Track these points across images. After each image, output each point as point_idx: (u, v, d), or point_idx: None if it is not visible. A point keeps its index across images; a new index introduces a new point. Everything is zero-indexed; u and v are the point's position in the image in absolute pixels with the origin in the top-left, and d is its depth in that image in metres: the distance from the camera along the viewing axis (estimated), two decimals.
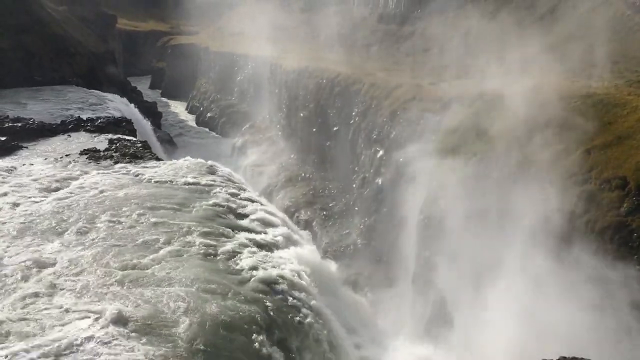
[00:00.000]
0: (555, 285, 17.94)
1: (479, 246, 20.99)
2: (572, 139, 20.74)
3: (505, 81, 25.76)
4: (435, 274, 23.64)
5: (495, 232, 20.53)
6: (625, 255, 17.05)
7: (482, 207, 21.51)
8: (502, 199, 20.84)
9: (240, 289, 18.17)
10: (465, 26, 39.39)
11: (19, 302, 16.39)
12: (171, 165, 29.35)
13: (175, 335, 15.26)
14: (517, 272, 19.30)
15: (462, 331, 21.61)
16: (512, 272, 19.53)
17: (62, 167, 28.73)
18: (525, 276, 18.95)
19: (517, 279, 19.17)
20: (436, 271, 23.54)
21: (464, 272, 21.76)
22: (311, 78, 45.11)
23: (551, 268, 18.25)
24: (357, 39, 53.06)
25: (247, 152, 53.56)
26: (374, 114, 34.60)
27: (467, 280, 21.53)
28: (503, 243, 20.13)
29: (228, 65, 68.71)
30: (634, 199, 17.61)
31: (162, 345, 14.81)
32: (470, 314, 21.17)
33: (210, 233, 21.66)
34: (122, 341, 14.73)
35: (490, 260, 20.38)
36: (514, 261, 19.57)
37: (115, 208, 23.22)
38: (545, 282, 18.27)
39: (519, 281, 19.07)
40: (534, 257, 18.92)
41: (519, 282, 19.09)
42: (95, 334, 14.94)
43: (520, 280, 19.08)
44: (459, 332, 21.81)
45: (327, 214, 37.69)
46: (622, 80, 25.18)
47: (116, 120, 39.90)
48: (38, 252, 19.33)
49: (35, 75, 50.82)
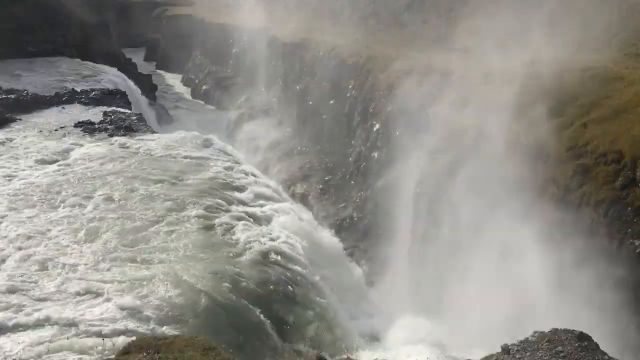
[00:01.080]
0: (549, 260, 18.07)
1: (472, 219, 21.07)
2: (569, 113, 20.67)
3: (502, 54, 25.56)
4: (430, 247, 23.76)
5: (489, 206, 20.58)
6: (620, 229, 17.14)
7: (476, 181, 21.53)
8: (496, 173, 20.85)
9: (236, 261, 18.26)
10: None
11: (12, 275, 16.39)
12: (166, 138, 29.24)
13: (168, 307, 15.34)
14: (509, 245, 19.41)
15: (455, 304, 21.79)
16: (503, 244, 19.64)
17: (57, 140, 28.59)
18: (517, 249, 19.06)
19: (509, 251, 19.29)
20: (431, 244, 23.65)
21: (458, 245, 21.88)
22: (308, 50, 44.69)
23: (543, 241, 18.36)
24: (354, 11, 52.40)
25: (243, 125, 53.26)
26: (371, 87, 34.37)
27: (461, 253, 21.67)
28: (495, 217, 20.20)
29: (224, 37, 67.94)
30: (629, 172, 17.62)
31: (156, 317, 14.89)
32: (463, 287, 21.33)
33: (206, 206, 21.68)
34: (116, 315, 14.80)
35: (482, 233, 20.47)
36: (505, 234, 19.66)
37: (110, 181, 23.18)
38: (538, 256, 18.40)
39: (511, 254, 19.19)
40: (525, 230, 19.00)
41: (510, 254, 19.21)
42: (90, 308, 15.00)
43: (511, 252, 19.20)
44: (453, 305, 22.00)
45: (323, 187, 37.67)
46: (620, 54, 25.00)
47: (110, 92, 39.63)
48: (33, 225, 19.32)
49: (28, 46, 50.22)
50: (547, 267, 18.17)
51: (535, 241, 18.77)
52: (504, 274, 19.45)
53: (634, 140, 18.09)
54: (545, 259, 18.26)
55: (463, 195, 22.18)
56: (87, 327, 14.23)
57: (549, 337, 11.95)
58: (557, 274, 17.80)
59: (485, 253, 20.45)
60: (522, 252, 19.11)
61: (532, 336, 12.20)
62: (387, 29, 43.91)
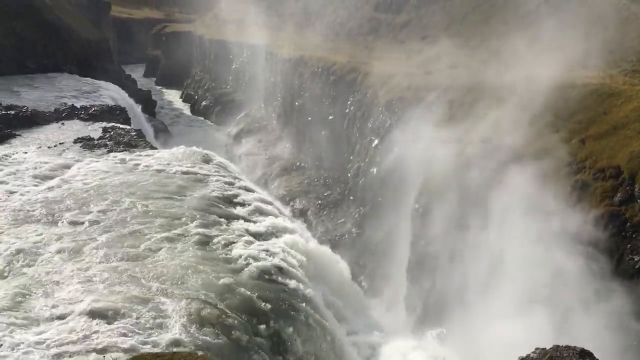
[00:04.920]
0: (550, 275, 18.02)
1: (472, 236, 21.04)
2: (567, 128, 20.76)
3: (500, 70, 25.73)
4: (430, 263, 23.71)
5: (487, 222, 20.58)
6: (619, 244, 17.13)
7: (476, 197, 21.54)
8: (495, 188, 20.87)
9: (235, 278, 18.17)
10: (461, 15, 39.30)
11: (9, 292, 16.29)
12: (166, 154, 29.25)
13: (166, 324, 15.25)
14: (510, 262, 19.36)
15: (456, 322, 21.69)
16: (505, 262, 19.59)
17: (56, 156, 28.59)
18: (520, 266, 19.00)
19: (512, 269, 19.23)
20: (431, 261, 23.61)
21: (458, 262, 21.83)
22: (307, 67, 44.95)
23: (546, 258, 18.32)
24: (353, 27, 52.80)
25: (242, 141, 53.43)
26: (370, 103, 34.53)
27: (462, 270, 21.61)
28: (495, 234, 20.18)
29: (223, 53, 68.44)
30: (627, 188, 17.66)
31: (155, 333, 14.80)
32: (464, 305, 21.26)
33: (205, 222, 21.63)
34: (114, 331, 14.71)
35: (484, 251, 20.44)
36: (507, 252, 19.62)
37: (109, 197, 23.14)
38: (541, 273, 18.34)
39: (513, 271, 19.13)
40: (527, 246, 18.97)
41: (513, 272, 19.15)
42: (87, 324, 14.90)
43: (514, 270, 19.14)
44: (453, 323, 21.90)
45: (322, 203, 37.70)
46: (617, 70, 25.18)
47: (110, 108, 39.72)
48: (32, 241, 19.26)
49: (29, 62, 50.45)
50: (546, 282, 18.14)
51: (532, 256, 18.74)
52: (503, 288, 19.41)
53: (632, 155, 18.16)
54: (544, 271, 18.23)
55: (462, 211, 22.19)
56: (85, 344, 14.12)
57: (550, 354, 11.89)
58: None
59: (485, 267, 20.40)
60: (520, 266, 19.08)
61: (534, 353, 12.14)
62: (386, 46, 44.20)
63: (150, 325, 15.07)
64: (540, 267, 18.27)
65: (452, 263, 22.16)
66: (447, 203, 22.80)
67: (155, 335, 14.72)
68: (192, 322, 15.46)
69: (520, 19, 31.14)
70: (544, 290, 18.01)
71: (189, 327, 15.28)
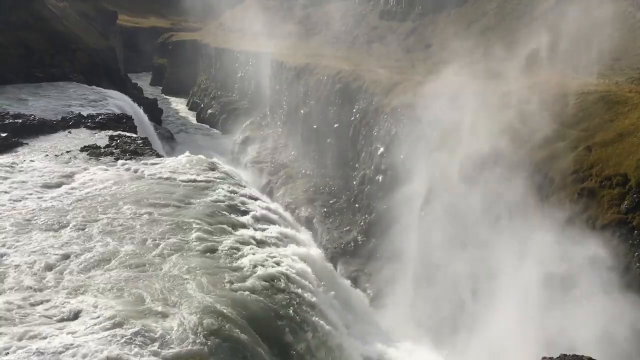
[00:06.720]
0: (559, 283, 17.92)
1: (480, 244, 20.97)
2: (573, 136, 20.70)
3: (507, 78, 25.72)
4: (435, 271, 23.64)
5: (494, 230, 20.51)
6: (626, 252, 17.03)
7: (483, 205, 21.49)
8: (503, 196, 20.82)
9: (241, 286, 18.17)
10: (466, 23, 39.35)
11: (19, 299, 16.36)
12: (172, 162, 29.33)
13: (171, 331, 15.25)
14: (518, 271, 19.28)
15: (463, 330, 21.60)
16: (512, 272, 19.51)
17: (63, 164, 28.71)
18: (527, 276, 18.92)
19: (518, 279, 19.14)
20: (437, 269, 23.54)
21: (465, 269, 21.76)
22: (312, 75, 45.07)
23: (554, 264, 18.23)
24: (358, 35, 52.99)
25: (248, 149, 53.52)
26: (375, 110, 34.57)
27: (469, 278, 21.54)
28: (503, 242, 20.11)
29: (229, 62, 68.66)
30: (634, 196, 17.57)
31: (159, 341, 14.80)
32: (471, 312, 21.17)
33: (211, 230, 21.66)
34: (119, 337, 14.72)
35: (490, 259, 20.36)
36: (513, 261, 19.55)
37: (115, 205, 23.21)
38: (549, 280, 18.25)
39: (520, 281, 19.04)
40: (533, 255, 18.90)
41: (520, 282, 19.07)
42: (91, 332, 14.91)
43: (521, 280, 19.05)
44: (460, 330, 21.80)
45: (327, 210, 37.66)
46: (623, 77, 25.14)
47: (117, 116, 39.83)
48: (39, 249, 19.33)
49: (36, 71, 50.70)
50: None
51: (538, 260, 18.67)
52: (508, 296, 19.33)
53: (639, 163, 18.08)
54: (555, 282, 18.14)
55: (469, 218, 22.13)
56: (89, 352, 14.13)
57: None
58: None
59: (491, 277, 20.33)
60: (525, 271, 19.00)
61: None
62: (391, 54, 44.32)
63: (154, 333, 15.07)
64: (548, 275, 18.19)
65: (458, 272, 22.09)
66: (453, 213, 22.76)
67: (159, 344, 14.72)
68: (199, 331, 15.45)
69: (526, 27, 31.16)
70: (552, 299, 17.91)
71: (196, 337, 15.27)
